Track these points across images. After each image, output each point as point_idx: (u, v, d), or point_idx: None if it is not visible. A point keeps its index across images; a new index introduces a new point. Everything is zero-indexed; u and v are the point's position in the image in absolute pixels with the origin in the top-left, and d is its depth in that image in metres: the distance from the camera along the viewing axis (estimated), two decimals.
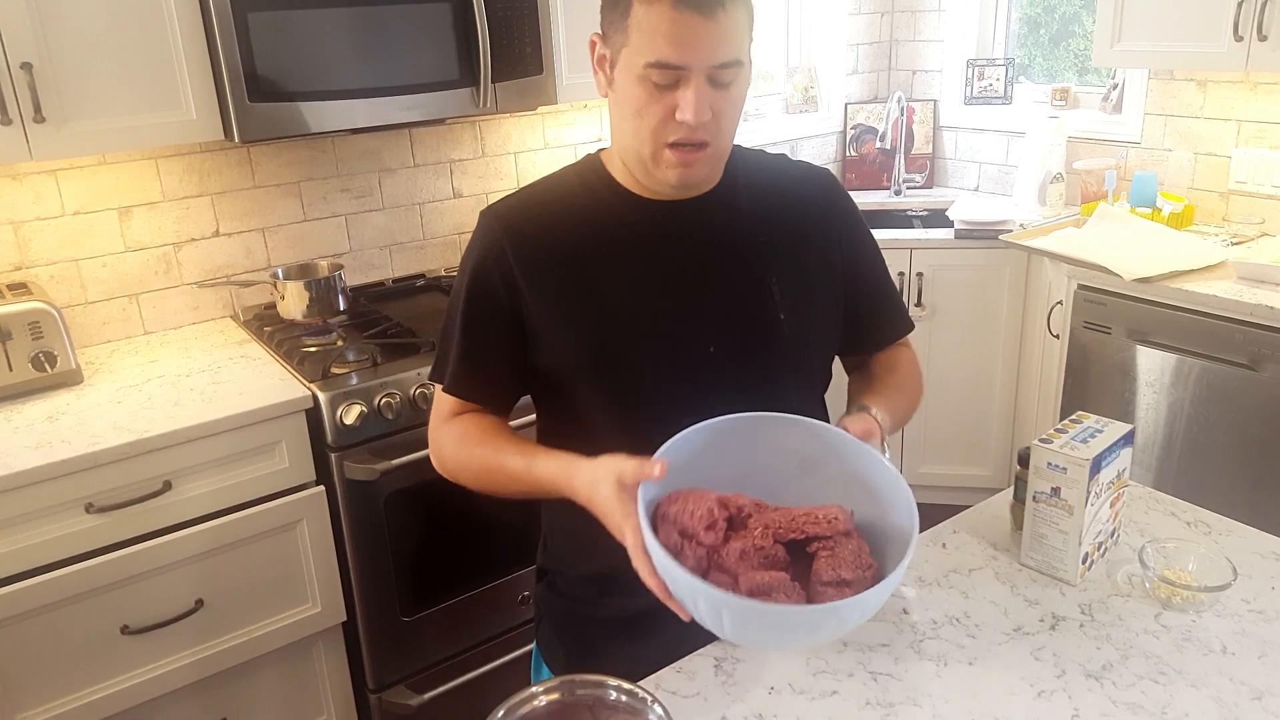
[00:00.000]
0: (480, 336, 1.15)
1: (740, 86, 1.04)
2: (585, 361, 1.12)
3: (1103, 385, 2.58)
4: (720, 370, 1.12)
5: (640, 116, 1.02)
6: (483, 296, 1.13)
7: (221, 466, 1.83)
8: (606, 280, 1.11)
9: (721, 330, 1.12)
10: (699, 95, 0.99)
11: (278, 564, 1.93)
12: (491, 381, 1.18)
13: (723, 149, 1.08)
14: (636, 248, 1.12)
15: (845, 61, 3.61)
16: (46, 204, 2.11)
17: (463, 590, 2.16)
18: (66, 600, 1.71)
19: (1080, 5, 3.29)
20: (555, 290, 1.11)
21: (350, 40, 2.01)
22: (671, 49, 0.97)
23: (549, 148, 2.83)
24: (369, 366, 2.01)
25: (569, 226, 1.13)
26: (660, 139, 1.03)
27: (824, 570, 0.90)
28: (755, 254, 1.14)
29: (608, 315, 1.10)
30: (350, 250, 2.55)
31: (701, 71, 0.99)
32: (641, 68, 0.99)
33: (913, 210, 3.45)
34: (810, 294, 1.17)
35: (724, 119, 1.03)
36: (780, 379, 1.15)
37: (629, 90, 1.02)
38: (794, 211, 1.18)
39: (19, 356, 1.87)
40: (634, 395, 1.12)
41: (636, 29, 0.99)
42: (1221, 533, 1.29)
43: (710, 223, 1.14)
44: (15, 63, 1.72)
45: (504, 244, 1.12)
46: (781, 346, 1.15)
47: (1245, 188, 2.74)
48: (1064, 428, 1.21)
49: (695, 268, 1.12)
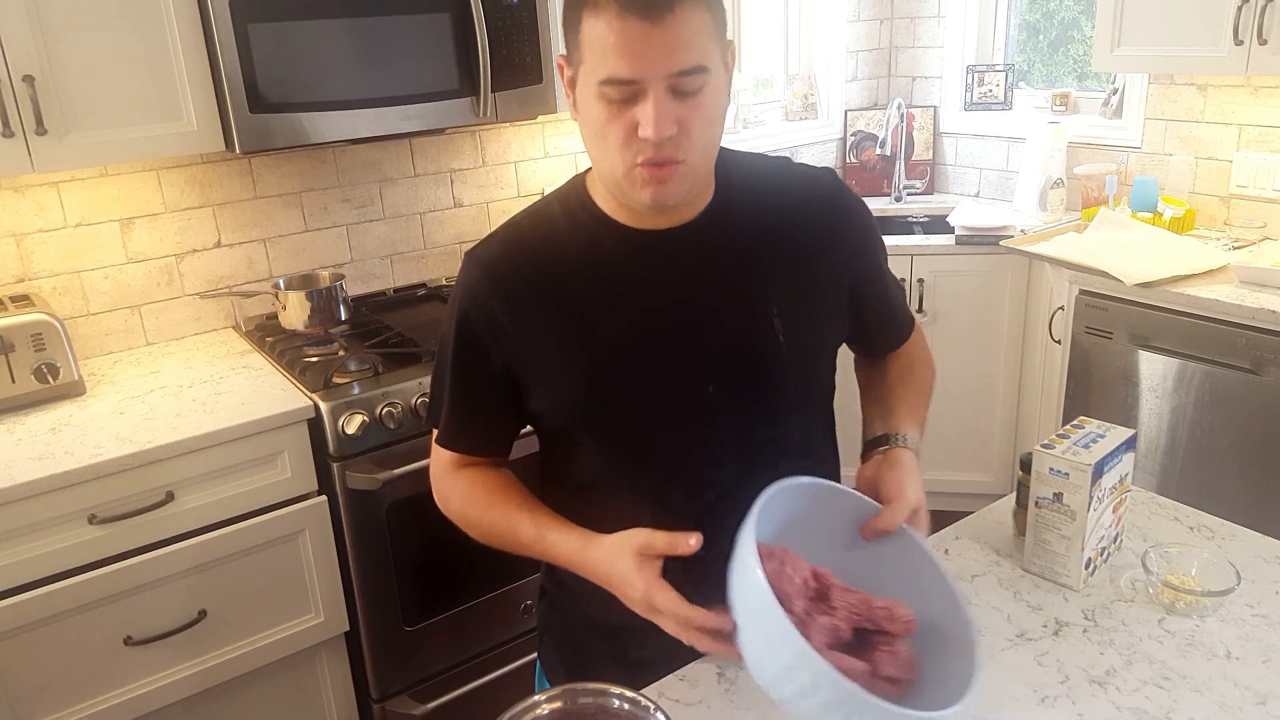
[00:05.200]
0: (471, 389, 1.12)
1: (711, 96, 0.95)
2: (578, 409, 1.08)
3: (1105, 390, 2.58)
4: (721, 409, 1.07)
5: (604, 137, 0.95)
6: (470, 348, 1.09)
7: (223, 477, 1.83)
8: (595, 321, 1.05)
9: (720, 368, 1.06)
10: (659, 109, 0.91)
11: (280, 574, 1.93)
12: (485, 433, 1.15)
13: (698, 164, 0.98)
14: (625, 284, 1.05)
15: (845, 68, 3.62)
16: (48, 216, 2.11)
17: (466, 599, 2.15)
18: (69, 612, 1.71)
19: (1079, 10, 3.29)
20: (542, 336, 1.06)
21: (350, 51, 2.01)
22: (621, 62, 0.90)
23: (549, 156, 2.83)
24: (370, 376, 2.02)
25: (553, 266, 1.06)
26: (627, 158, 0.95)
27: (884, 664, 0.89)
28: (753, 281, 1.07)
29: (598, 359, 1.05)
30: (351, 260, 2.55)
31: (659, 82, 0.90)
32: (596, 85, 0.92)
33: (913, 216, 3.45)
34: (814, 315, 1.10)
35: (694, 131, 0.94)
36: (784, 410, 1.11)
37: (590, 109, 0.95)
38: (798, 225, 1.10)
39: (21, 368, 1.87)
40: (631, 441, 1.08)
41: (588, 45, 0.92)
42: (1225, 537, 1.28)
43: (703, 251, 1.06)
44: (17, 75, 1.73)
45: (487, 292, 1.06)
46: (784, 378, 1.09)
47: (1246, 192, 2.74)
48: (1066, 433, 1.20)
49: (689, 302, 1.05)
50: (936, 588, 0.93)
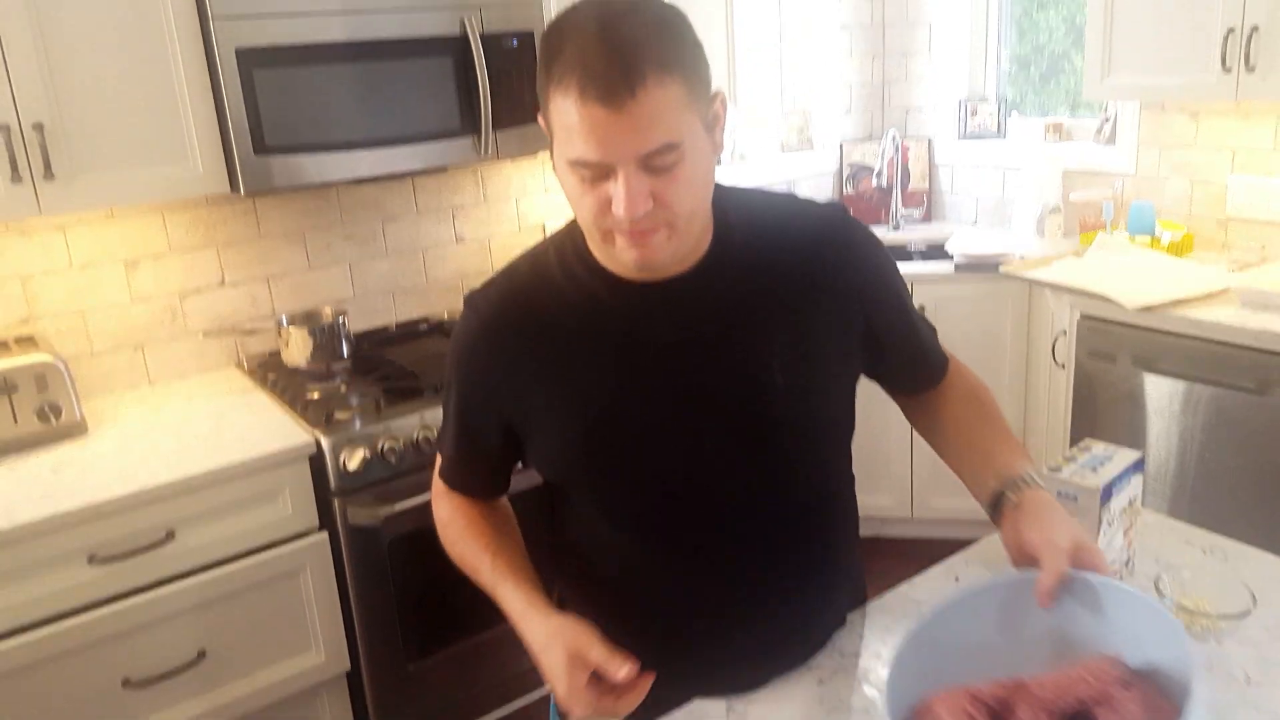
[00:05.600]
0: (469, 436, 1.13)
1: (688, 167, 0.90)
2: (573, 465, 1.06)
3: (1111, 414, 2.57)
4: (720, 469, 1.03)
5: (580, 206, 0.93)
6: (468, 397, 1.10)
7: (225, 514, 1.82)
8: (590, 375, 1.02)
9: (718, 426, 1.02)
10: (630, 188, 0.87)
11: (281, 612, 1.91)
12: (480, 477, 1.17)
13: (684, 228, 0.94)
14: (620, 337, 1.02)
15: (839, 101, 3.66)
16: (54, 257, 2.12)
17: (469, 635, 2.13)
18: (67, 653, 1.69)
19: (1069, 43, 3.33)
20: (537, 391, 1.03)
21: (354, 94, 2.04)
22: (587, 146, 0.87)
23: (549, 191, 2.85)
24: (372, 411, 2.01)
25: (549, 317, 1.03)
26: (604, 226, 0.93)
27: None
28: (752, 333, 1.02)
29: (593, 415, 1.02)
30: (354, 296, 2.56)
31: (628, 163, 0.87)
32: (565, 162, 0.90)
33: (912, 244, 3.47)
34: (818, 359, 1.05)
35: (672, 202, 0.90)
36: (787, 468, 1.07)
37: (565, 178, 0.93)
38: (800, 265, 1.04)
39: (25, 409, 1.87)
40: (627, 502, 1.06)
41: (557, 122, 0.89)
42: (1238, 559, 1.27)
43: (700, 301, 1.01)
44: (28, 123, 1.76)
45: (482, 345, 1.06)
46: (786, 436, 1.05)
47: (1243, 214, 2.75)
48: (1073, 455, 1.19)
49: (685, 357, 1.01)
50: (1144, 619, 0.86)
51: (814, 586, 1.13)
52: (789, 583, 1.10)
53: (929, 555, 1.25)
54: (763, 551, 1.08)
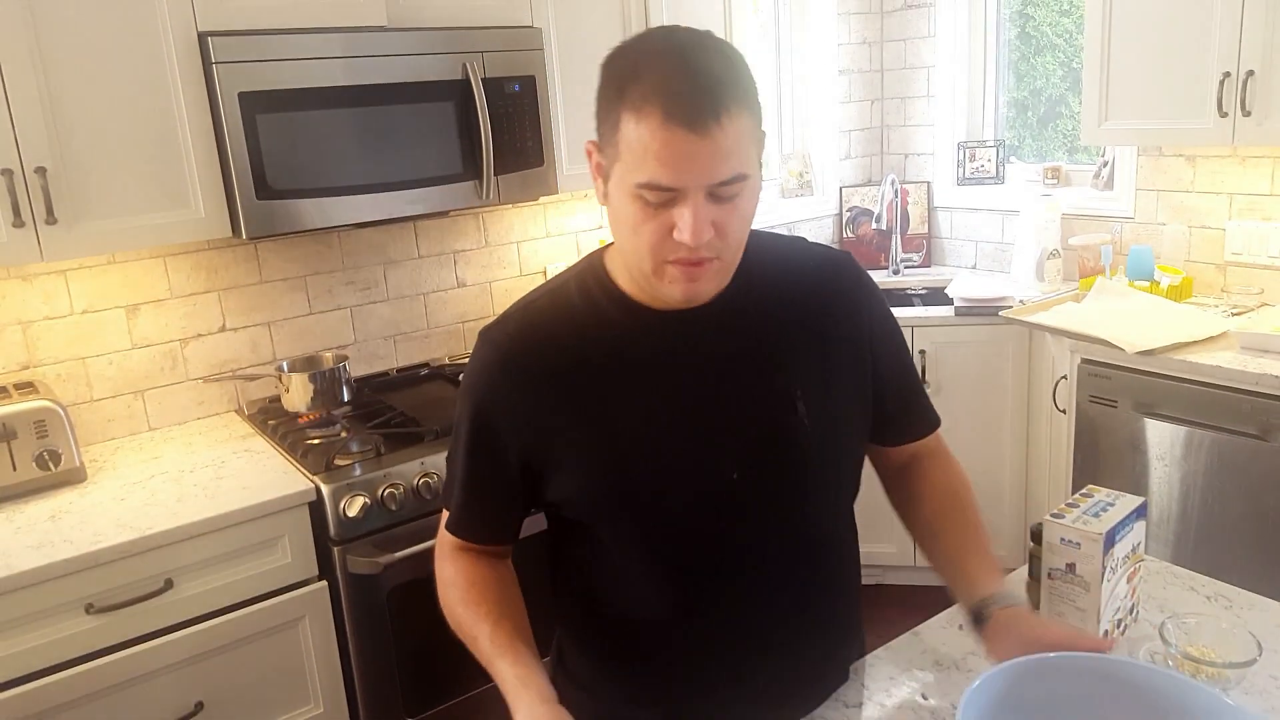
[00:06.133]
0: (483, 478, 1.09)
1: (747, 199, 0.94)
2: (597, 498, 1.05)
3: (1113, 459, 2.56)
4: (746, 497, 1.04)
5: (637, 234, 0.93)
6: (482, 434, 1.07)
7: (223, 563, 1.81)
8: (615, 407, 1.02)
9: (744, 454, 1.03)
10: (697, 215, 0.89)
11: (279, 663, 1.89)
12: (495, 522, 1.13)
13: (731, 261, 0.98)
14: (645, 368, 1.03)
15: (839, 146, 3.70)
16: (55, 304, 2.14)
17: (469, 688, 2.10)
18: (63, 706, 1.67)
19: (1066, 88, 3.38)
20: (559, 423, 1.03)
21: (356, 139, 2.06)
22: (663, 170, 0.88)
23: (550, 236, 2.88)
24: (372, 457, 2.01)
25: (571, 348, 1.03)
26: (660, 255, 0.94)
27: None
28: (776, 363, 1.05)
29: (619, 447, 1.02)
30: (355, 341, 2.57)
31: (699, 191, 0.89)
32: (633, 186, 0.90)
33: (912, 289, 3.48)
34: (838, 399, 1.08)
35: (729, 233, 0.94)
36: (810, 498, 1.08)
37: (624, 207, 0.93)
38: (818, 305, 1.08)
39: (23, 456, 1.87)
40: (652, 531, 1.05)
41: (626, 146, 0.89)
42: (1243, 607, 1.26)
43: (724, 332, 1.04)
44: (30, 167, 1.77)
45: (500, 377, 1.04)
46: (810, 465, 1.06)
47: (1241, 259, 2.76)
48: (1075, 502, 1.19)
49: (711, 386, 1.03)
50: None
51: (820, 623, 1.13)
52: (796, 617, 1.10)
53: (932, 603, 1.24)
54: (774, 586, 1.08)
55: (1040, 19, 3.41)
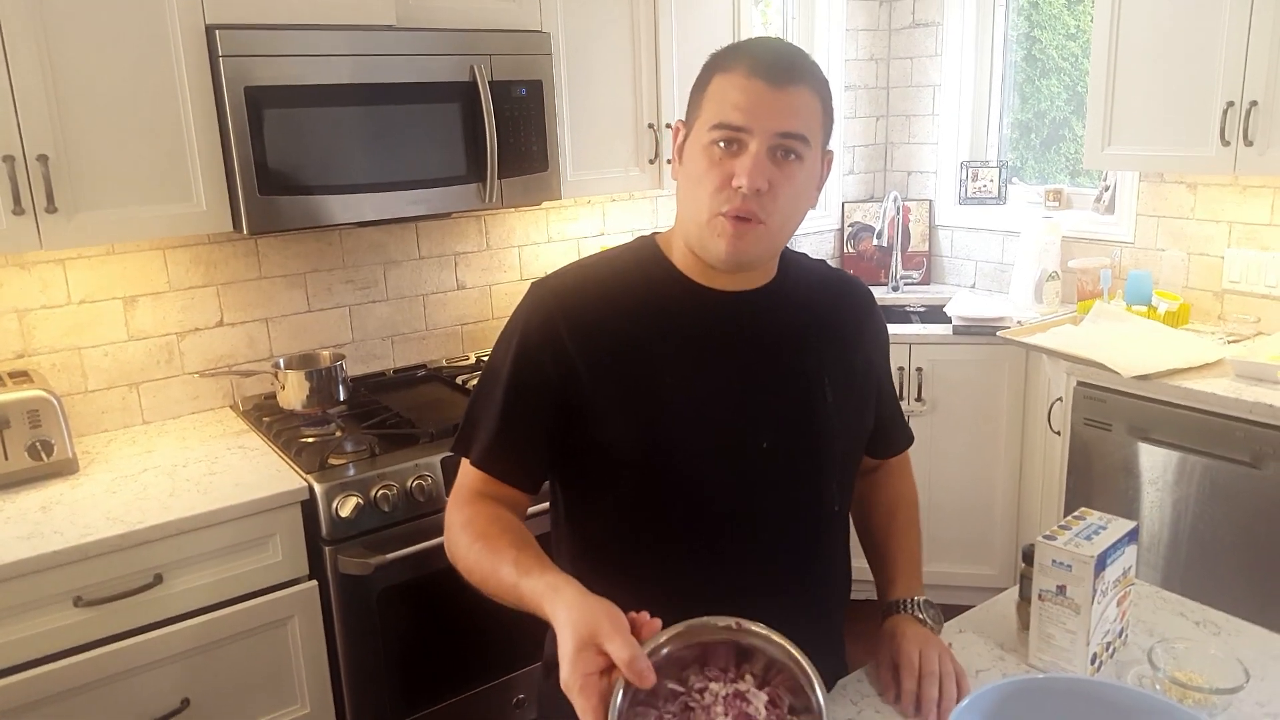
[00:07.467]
0: (522, 411, 1.11)
1: (804, 172, 1.06)
2: (635, 451, 1.09)
3: (1106, 483, 2.56)
4: (771, 466, 1.12)
5: (699, 184, 1.05)
6: (531, 369, 1.10)
7: (214, 559, 1.80)
8: (663, 369, 1.10)
9: (775, 425, 1.12)
10: (756, 161, 1.01)
11: (267, 662, 1.88)
12: (526, 459, 1.13)
13: (776, 231, 1.07)
14: (693, 339, 1.12)
15: (842, 162, 3.71)
16: (53, 293, 2.13)
17: (457, 692, 2.09)
18: (47, 699, 1.66)
19: (1070, 111, 3.39)
20: (610, 374, 1.09)
21: (361, 137, 2.06)
22: (737, 112, 1.02)
23: (552, 241, 2.88)
24: (367, 457, 2.00)
25: (625, 309, 1.12)
26: (715, 205, 1.04)
27: None
28: (809, 350, 1.16)
29: (663, 406, 1.09)
30: (353, 340, 2.56)
31: (764, 138, 1.02)
32: (707, 131, 1.04)
33: (911, 306, 3.49)
34: (856, 394, 1.20)
35: (780, 197, 1.04)
36: (827, 476, 1.17)
37: (695, 161, 1.06)
38: (842, 316, 1.22)
39: (15, 445, 1.86)
40: (681, 488, 1.11)
41: (710, 99, 1.05)
42: (1231, 633, 1.26)
43: (766, 316, 1.15)
44: (32, 154, 1.76)
45: (558, 319, 1.10)
46: (832, 444, 1.16)
47: (1239, 287, 2.77)
48: (1067, 524, 1.19)
49: (751, 361, 1.13)
50: None
51: (816, 600, 1.21)
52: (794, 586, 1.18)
53: None
54: (781, 550, 1.16)
55: (1047, 42, 3.43)
